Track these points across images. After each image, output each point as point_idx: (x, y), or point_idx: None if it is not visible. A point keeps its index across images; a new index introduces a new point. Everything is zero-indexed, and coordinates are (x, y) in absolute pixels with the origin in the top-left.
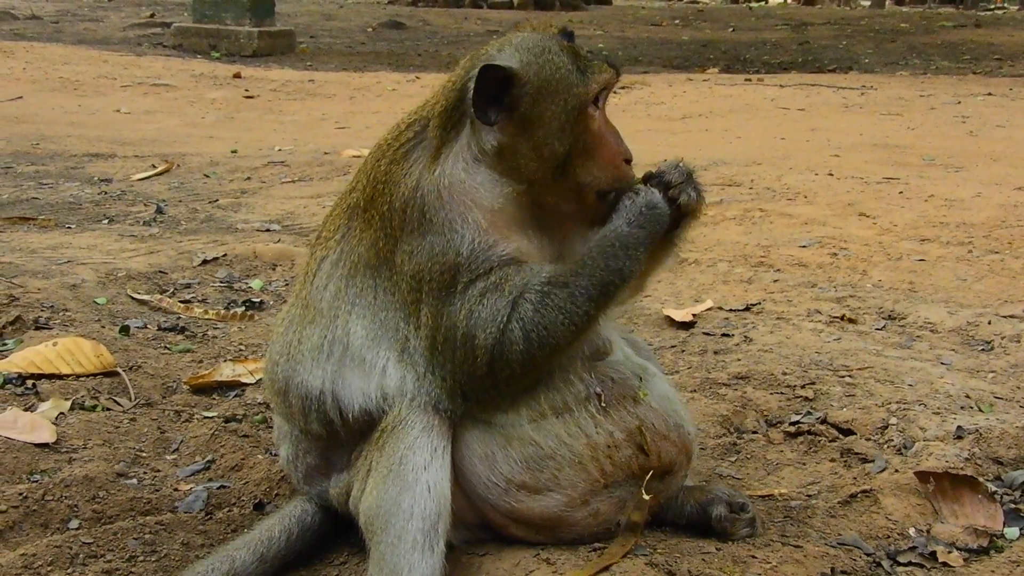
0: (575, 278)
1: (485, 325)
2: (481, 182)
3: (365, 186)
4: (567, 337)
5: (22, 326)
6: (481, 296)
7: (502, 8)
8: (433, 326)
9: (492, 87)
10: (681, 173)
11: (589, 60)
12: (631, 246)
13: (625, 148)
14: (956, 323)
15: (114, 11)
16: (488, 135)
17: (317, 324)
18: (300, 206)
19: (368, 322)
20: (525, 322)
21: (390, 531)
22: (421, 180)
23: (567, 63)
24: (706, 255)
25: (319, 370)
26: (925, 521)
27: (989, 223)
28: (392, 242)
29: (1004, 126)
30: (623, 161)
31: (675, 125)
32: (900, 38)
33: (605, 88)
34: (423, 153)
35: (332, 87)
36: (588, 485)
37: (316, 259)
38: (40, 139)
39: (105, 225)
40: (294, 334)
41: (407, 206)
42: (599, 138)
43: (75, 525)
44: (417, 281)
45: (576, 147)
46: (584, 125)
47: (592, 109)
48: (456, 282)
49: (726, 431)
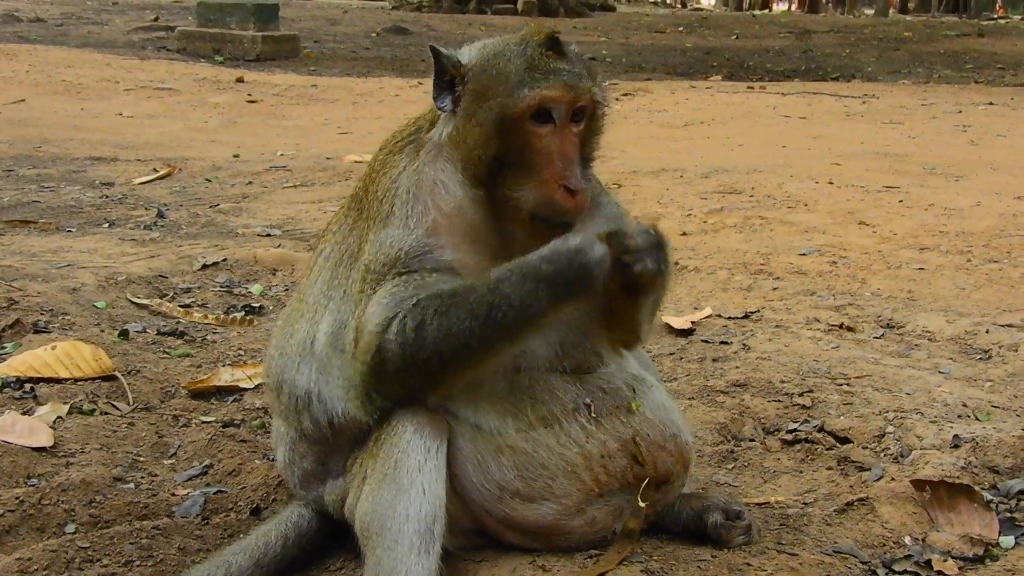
0: (465, 294)
1: (377, 318)
2: (443, 179)
3: (363, 177)
4: (445, 350)
5: (21, 329)
6: (390, 291)
7: (506, 14)
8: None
9: (443, 74)
10: (647, 240)
11: (544, 74)
12: (530, 278)
13: (571, 176)
14: (954, 332)
15: (118, 15)
16: (446, 124)
17: (305, 318)
18: (301, 211)
19: (332, 317)
20: (405, 326)
21: (386, 535)
22: (402, 173)
23: (510, 71)
24: (705, 262)
25: (305, 367)
26: (921, 530)
27: (988, 232)
28: (367, 232)
29: (1005, 135)
30: (561, 187)
31: (677, 132)
32: (903, 47)
33: (544, 105)
34: (413, 148)
35: (335, 92)
36: (583, 494)
37: (316, 252)
38: (42, 142)
39: (106, 229)
40: (288, 329)
41: (385, 196)
42: (539, 156)
43: (72, 529)
44: (366, 271)
45: (509, 158)
46: (519, 137)
47: (533, 124)
48: (387, 276)
49: (723, 439)
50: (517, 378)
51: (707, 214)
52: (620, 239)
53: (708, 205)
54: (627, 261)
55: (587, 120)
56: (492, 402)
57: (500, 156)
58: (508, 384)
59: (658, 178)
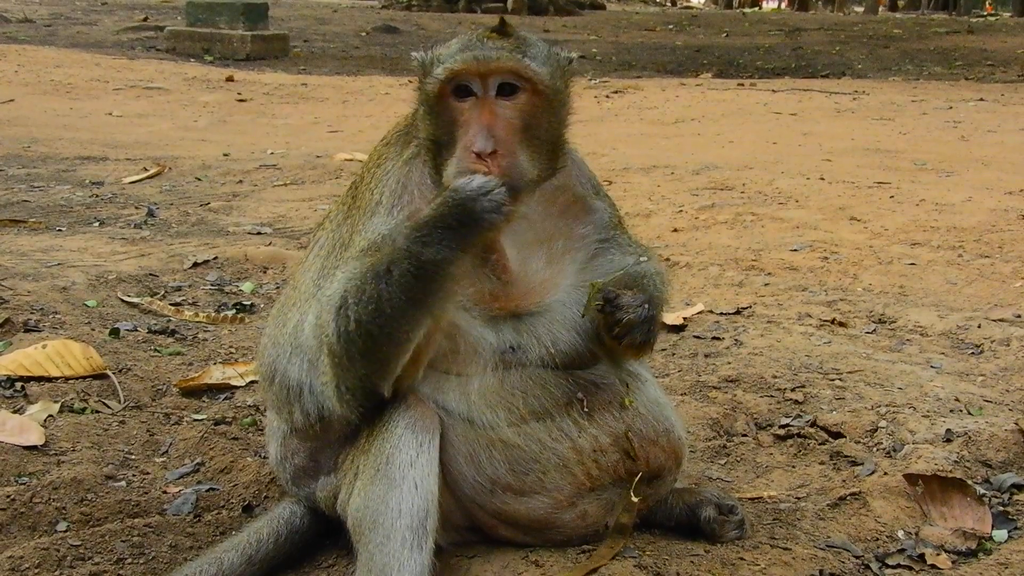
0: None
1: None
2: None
3: (360, 169)
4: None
5: (11, 328)
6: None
7: (496, 12)
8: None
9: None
10: (641, 313)
11: (462, 50)
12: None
13: (479, 140)
14: (946, 327)
15: (107, 14)
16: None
17: (296, 308)
18: (292, 209)
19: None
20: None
21: (378, 530)
22: (394, 163)
23: (440, 53)
24: (697, 258)
25: (296, 358)
26: (914, 524)
27: (979, 227)
28: (358, 222)
29: (995, 131)
30: (471, 152)
31: (668, 129)
32: (893, 44)
33: (457, 79)
34: (405, 140)
35: (325, 91)
36: (574, 488)
37: (312, 240)
38: (32, 142)
39: (96, 228)
40: (280, 318)
41: (376, 186)
42: (461, 130)
43: (63, 528)
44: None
45: (443, 139)
46: (446, 115)
47: (456, 100)
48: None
49: (716, 434)
50: (509, 373)
51: (698, 210)
52: (616, 303)
53: (699, 201)
54: (617, 333)
55: (527, 96)
56: (484, 396)
57: (436, 137)
58: (500, 378)
59: (649, 175)
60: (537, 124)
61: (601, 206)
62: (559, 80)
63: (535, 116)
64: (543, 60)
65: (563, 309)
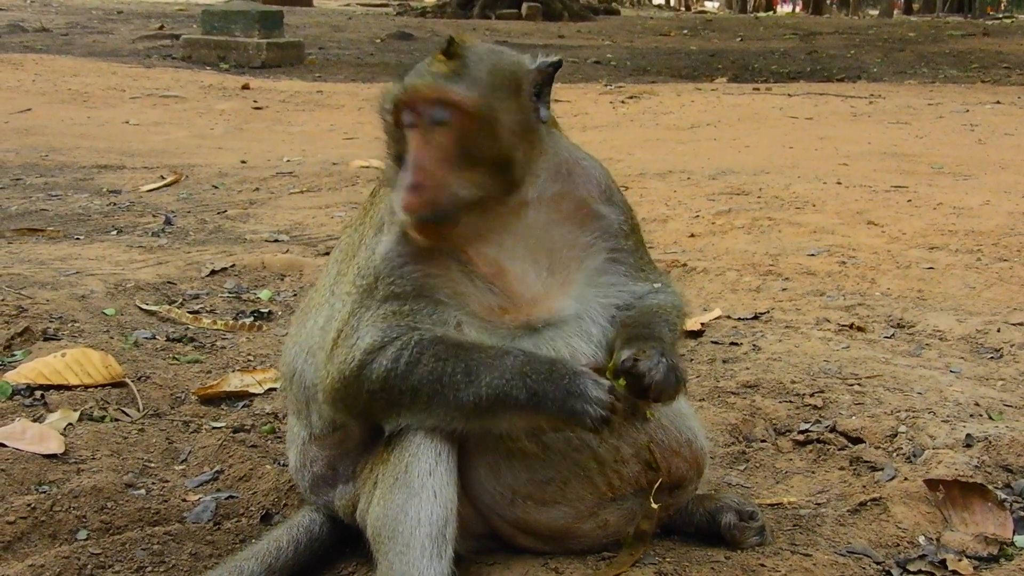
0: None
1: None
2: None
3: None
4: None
5: (31, 337)
6: (387, 315)
7: (510, 19)
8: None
9: None
10: (662, 369)
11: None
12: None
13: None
14: (965, 331)
15: (123, 23)
16: None
17: (314, 310)
18: (308, 216)
19: (328, 311)
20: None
21: (398, 539)
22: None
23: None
24: (714, 264)
25: (311, 359)
26: (935, 529)
27: (998, 231)
28: (366, 234)
29: (1012, 134)
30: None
31: (683, 134)
32: (908, 47)
33: (396, 106)
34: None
35: (341, 98)
36: (595, 498)
37: (337, 243)
38: (49, 151)
39: (114, 236)
40: (302, 319)
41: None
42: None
43: (83, 536)
44: (356, 274)
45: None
46: (398, 143)
47: (406, 128)
48: (376, 289)
49: (735, 440)
50: None
51: (715, 215)
52: (634, 370)
53: (716, 207)
54: (651, 397)
55: (457, 121)
56: None
57: (395, 165)
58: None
59: (665, 180)
60: (474, 146)
61: (609, 212)
62: (504, 97)
63: (469, 140)
64: (477, 81)
65: (578, 321)
